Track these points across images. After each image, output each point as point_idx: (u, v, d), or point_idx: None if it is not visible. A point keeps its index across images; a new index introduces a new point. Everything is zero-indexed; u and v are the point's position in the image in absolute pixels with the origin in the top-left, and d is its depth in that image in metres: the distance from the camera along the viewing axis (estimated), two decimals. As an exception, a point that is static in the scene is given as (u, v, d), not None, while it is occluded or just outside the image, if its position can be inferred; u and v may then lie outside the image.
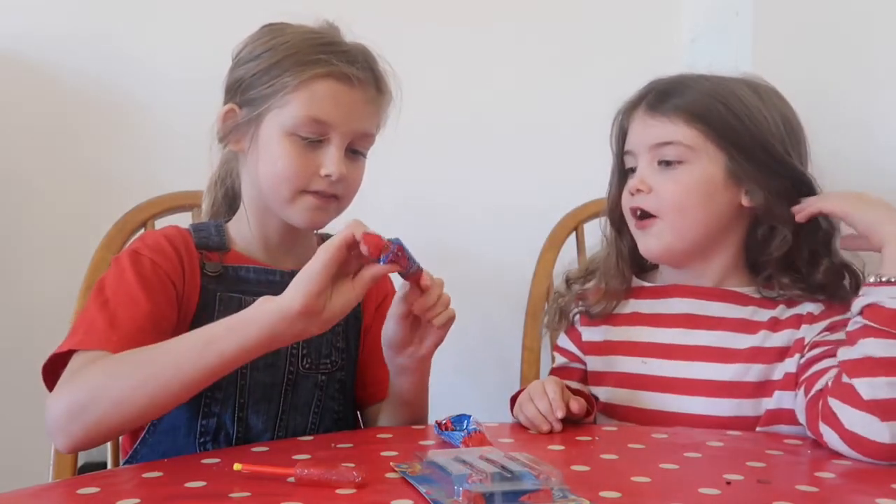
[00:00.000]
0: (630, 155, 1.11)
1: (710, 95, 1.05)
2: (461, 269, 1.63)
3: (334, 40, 0.99)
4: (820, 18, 1.50)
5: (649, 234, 1.07)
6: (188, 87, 1.53)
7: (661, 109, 1.06)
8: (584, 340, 1.16)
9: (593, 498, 0.67)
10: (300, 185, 0.97)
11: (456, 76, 1.64)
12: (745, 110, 1.04)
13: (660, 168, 1.06)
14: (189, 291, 0.97)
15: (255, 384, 0.97)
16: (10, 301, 1.50)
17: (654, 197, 1.06)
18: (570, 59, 1.70)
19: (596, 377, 1.13)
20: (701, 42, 1.70)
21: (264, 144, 0.98)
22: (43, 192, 1.52)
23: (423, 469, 0.74)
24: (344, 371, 1.05)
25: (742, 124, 1.03)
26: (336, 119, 0.96)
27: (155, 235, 1.00)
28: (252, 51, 1.00)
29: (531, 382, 1.00)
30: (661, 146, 1.06)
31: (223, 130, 1.01)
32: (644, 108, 1.09)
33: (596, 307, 1.14)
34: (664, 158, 1.06)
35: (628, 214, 1.11)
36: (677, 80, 1.10)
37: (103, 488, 0.71)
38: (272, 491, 0.69)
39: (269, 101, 0.96)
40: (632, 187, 1.08)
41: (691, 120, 1.04)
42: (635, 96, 1.12)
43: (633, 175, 1.09)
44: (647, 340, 1.09)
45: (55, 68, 1.52)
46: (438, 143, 1.62)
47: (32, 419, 0.93)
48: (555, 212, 1.51)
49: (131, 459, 0.96)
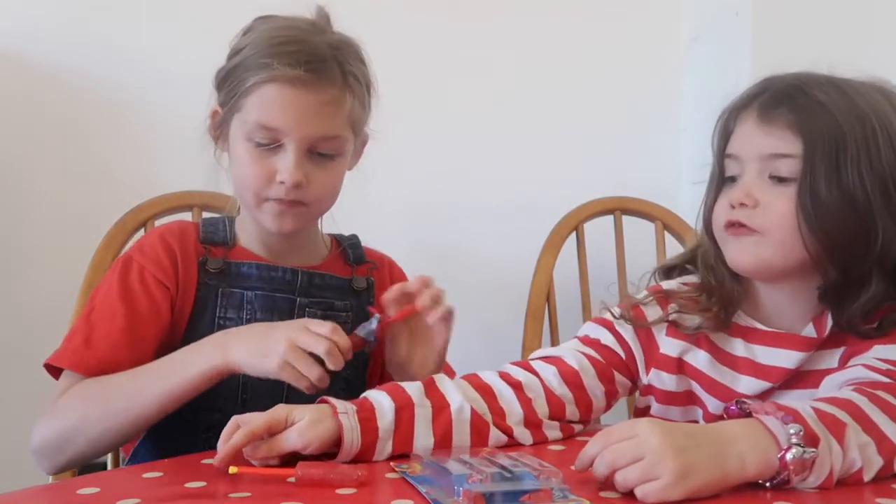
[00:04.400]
0: (733, 160, 0.94)
1: (842, 111, 0.89)
2: (461, 269, 1.63)
3: (290, 39, 0.95)
4: (820, 18, 1.50)
5: (742, 242, 0.91)
6: (189, 87, 1.51)
7: (776, 116, 0.90)
8: (661, 353, 0.99)
9: (593, 498, 0.67)
10: (259, 192, 0.96)
11: (455, 77, 1.64)
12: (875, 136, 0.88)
13: (770, 182, 0.90)
14: (185, 287, 0.98)
15: (257, 380, 0.97)
16: (11, 300, 1.49)
17: (761, 213, 0.90)
18: (570, 59, 1.71)
19: (664, 397, 0.99)
20: (701, 42, 1.70)
21: (232, 148, 0.99)
22: (43, 192, 1.52)
23: (423, 469, 0.74)
24: (349, 369, 1.05)
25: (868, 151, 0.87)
26: (286, 124, 0.93)
27: (152, 237, 1.01)
28: (233, 47, 1.00)
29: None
30: (775, 158, 0.90)
31: (211, 130, 1.02)
32: (757, 111, 0.92)
33: (712, 317, 0.96)
34: (777, 174, 0.90)
35: (720, 226, 0.94)
36: (796, 81, 0.92)
37: (103, 488, 0.71)
38: (272, 491, 0.69)
39: (231, 103, 0.96)
40: (734, 200, 0.91)
41: (805, 132, 0.89)
42: (747, 94, 0.95)
43: (733, 184, 0.93)
44: (743, 391, 0.94)
45: (56, 68, 1.51)
46: (438, 143, 1.63)
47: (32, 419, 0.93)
48: (555, 212, 1.51)
49: (133, 457, 0.96)
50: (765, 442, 0.71)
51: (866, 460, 0.74)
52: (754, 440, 0.71)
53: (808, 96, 0.89)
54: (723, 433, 0.72)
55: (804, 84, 0.91)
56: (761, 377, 0.92)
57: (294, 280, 1.03)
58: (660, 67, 1.75)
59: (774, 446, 0.71)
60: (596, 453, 0.72)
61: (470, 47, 1.65)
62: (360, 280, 1.09)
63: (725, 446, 0.70)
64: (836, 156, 0.87)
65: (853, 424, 0.74)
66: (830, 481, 0.72)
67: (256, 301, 1.00)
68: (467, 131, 1.65)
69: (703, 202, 0.99)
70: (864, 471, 0.74)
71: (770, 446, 0.71)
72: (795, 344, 0.92)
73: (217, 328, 0.99)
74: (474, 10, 1.67)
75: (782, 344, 0.93)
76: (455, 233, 1.66)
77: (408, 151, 1.54)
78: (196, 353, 0.90)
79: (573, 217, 1.51)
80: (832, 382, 0.87)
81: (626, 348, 0.98)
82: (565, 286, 1.49)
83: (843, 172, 0.86)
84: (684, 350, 0.97)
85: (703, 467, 0.69)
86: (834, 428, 0.73)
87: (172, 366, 0.90)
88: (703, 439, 0.71)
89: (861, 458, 0.74)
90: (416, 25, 1.61)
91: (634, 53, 1.72)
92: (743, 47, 1.53)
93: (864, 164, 0.86)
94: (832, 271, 0.89)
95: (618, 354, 0.98)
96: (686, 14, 1.75)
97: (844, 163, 0.86)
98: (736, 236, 0.92)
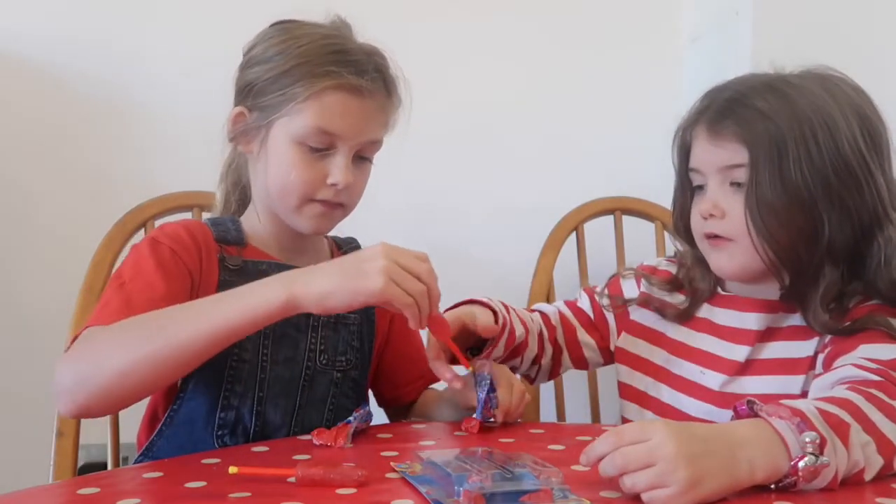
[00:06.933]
0: (697, 173, 1.01)
1: (781, 115, 0.93)
2: (461, 270, 1.63)
3: (345, 48, 0.97)
4: (820, 18, 1.50)
5: (721, 252, 0.98)
6: (188, 88, 1.53)
7: (722, 130, 0.96)
8: (631, 319, 1.11)
9: (593, 498, 0.67)
10: (307, 193, 0.97)
11: (455, 78, 1.64)
12: (815, 136, 0.92)
13: (732, 189, 0.96)
14: (206, 284, 0.97)
15: (274, 378, 0.98)
16: (11, 301, 1.50)
17: (729, 222, 0.96)
18: (570, 59, 1.71)
19: (633, 360, 1.09)
20: (701, 42, 1.70)
21: (273, 151, 0.98)
22: (43, 193, 1.52)
23: (423, 469, 0.74)
24: (357, 370, 1.06)
25: (809, 154, 0.92)
26: (345, 130, 0.96)
27: (174, 226, 1.00)
28: (264, 52, 0.99)
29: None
30: (731, 168, 0.96)
31: (233, 132, 1.02)
32: (706, 126, 0.99)
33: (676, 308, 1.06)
34: (736, 180, 0.96)
35: (700, 237, 1.01)
36: (736, 93, 0.98)
37: (103, 488, 0.71)
38: (272, 491, 0.69)
39: (279, 109, 0.96)
40: (704, 211, 0.98)
41: (749, 141, 0.94)
42: (694, 110, 1.02)
43: (702, 194, 1.00)
44: (710, 352, 1.03)
45: (55, 69, 1.52)
46: (438, 143, 1.62)
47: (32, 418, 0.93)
48: (555, 212, 1.51)
49: (147, 450, 0.96)
50: (776, 449, 0.71)
51: (868, 460, 0.74)
52: (766, 446, 0.71)
53: (748, 107, 0.95)
54: (734, 436, 0.72)
55: (744, 94, 0.96)
56: (728, 339, 1.01)
57: None
58: (660, 67, 1.75)
59: (785, 453, 0.71)
60: (605, 453, 0.71)
61: (470, 48, 1.65)
62: None
63: (736, 451, 0.70)
64: (777, 159, 0.92)
65: (855, 425, 0.75)
66: (836, 482, 0.72)
67: None
68: (467, 131, 1.65)
69: (674, 208, 1.07)
70: (865, 471, 0.74)
71: (781, 453, 0.71)
72: (757, 306, 0.99)
73: None
74: (475, 10, 1.67)
75: (745, 307, 1.00)
76: (455, 233, 1.66)
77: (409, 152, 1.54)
78: (261, 287, 0.83)
79: (573, 217, 1.51)
80: (822, 383, 0.87)
81: (597, 312, 1.14)
82: (565, 286, 1.49)
83: (785, 174, 0.91)
84: (654, 320, 1.09)
85: (713, 477, 0.68)
86: (838, 429, 0.73)
87: (231, 298, 0.83)
88: (715, 445, 0.70)
89: (863, 458, 0.74)
90: (416, 25, 1.61)
91: (634, 53, 1.72)
92: (743, 47, 1.53)
93: (805, 163, 0.91)
94: (785, 271, 0.94)
95: (587, 315, 1.15)
96: (686, 14, 1.75)
97: (787, 164, 0.91)
98: (715, 247, 0.98)
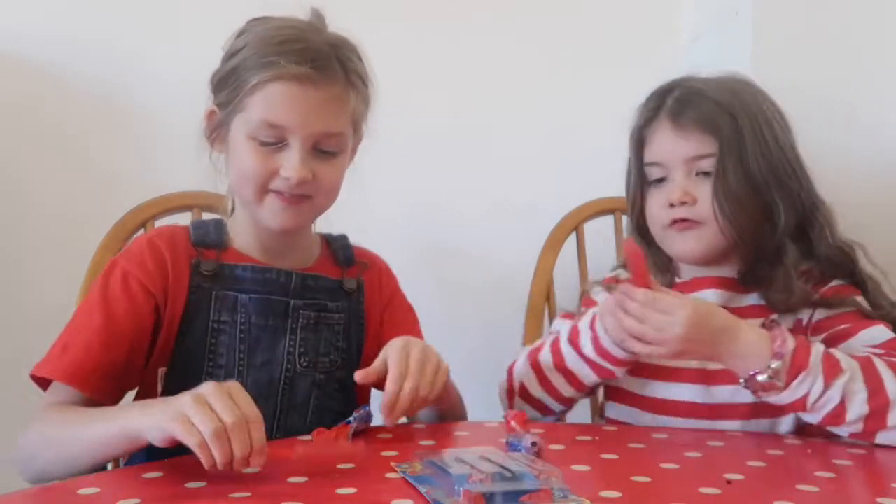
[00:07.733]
0: (657, 167, 1.08)
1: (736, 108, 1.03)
2: (461, 270, 1.63)
3: (293, 37, 0.95)
4: (820, 18, 1.50)
5: (688, 235, 1.05)
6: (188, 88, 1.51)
7: (688, 123, 1.04)
8: None
9: (593, 498, 0.67)
10: (261, 183, 0.96)
11: (456, 76, 1.64)
12: (756, 119, 1.04)
13: (699, 179, 1.04)
14: (175, 291, 0.98)
15: (252, 382, 0.97)
16: (11, 301, 1.49)
17: (699, 207, 1.03)
18: (569, 59, 1.70)
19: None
20: (701, 42, 1.70)
21: (232, 147, 0.98)
22: (43, 193, 1.52)
23: (423, 469, 0.74)
24: (344, 370, 1.05)
25: (754, 135, 1.03)
26: (292, 122, 0.94)
27: (140, 241, 1.01)
28: (229, 48, 1.00)
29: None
30: (698, 158, 1.04)
31: (207, 131, 1.02)
32: (669, 121, 1.06)
33: None
34: (702, 170, 1.04)
35: (663, 226, 1.08)
36: (692, 89, 1.07)
37: (103, 488, 0.71)
38: (272, 491, 0.69)
39: (233, 103, 0.96)
40: (675, 199, 1.05)
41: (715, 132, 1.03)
42: (649, 108, 1.09)
43: (663, 185, 1.07)
44: None
45: (55, 69, 1.51)
46: (438, 143, 1.62)
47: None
48: (555, 212, 1.51)
49: (134, 458, 0.96)
50: (754, 361, 0.89)
51: (849, 402, 0.87)
52: (752, 355, 0.89)
53: (709, 100, 1.04)
54: (739, 334, 0.90)
55: (700, 90, 1.06)
56: None
57: (288, 282, 1.03)
58: (660, 67, 1.75)
59: (758, 366, 0.88)
60: (638, 313, 0.90)
61: (470, 47, 1.65)
62: (351, 281, 1.09)
63: (730, 346, 0.90)
64: (739, 151, 1.02)
65: (855, 374, 0.87)
66: (803, 404, 0.88)
67: (251, 304, 1.00)
68: (467, 131, 1.65)
69: (630, 209, 1.13)
70: (842, 410, 0.87)
71: (755, 365, 0.88)
72: (713, 283, 1.06)
73: (211, 331, 0.99)
74: (475, 10, 1.66)
75: (701, 286, 1.07)
76: (455, 233, 1.66)
77: (408, 152, 1.54)
78: (130, 409, 0.84)
79: (573, 217, 1.51)
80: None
81: None
82: (565, 286, 1.48)
83: (745, 164, 1.02)
84: None
85: (692, 354, 0.93)
86: (829, 369, 0.87)
87: (108, 413, 0.85)
88: (721, 337, 0.90)
89: (843, 399, 0.87)
90: (415, 25, 1.61)
91: (634, 53, 1.72)
92: (743, 47, 1.53)
93: (762, 154, 1.02)
94: (748, 251, 1.04)
95: None
96: (686, 14, 1.75)
97: (746, 155, 1.02)
98: (681, 231, 1.05)
